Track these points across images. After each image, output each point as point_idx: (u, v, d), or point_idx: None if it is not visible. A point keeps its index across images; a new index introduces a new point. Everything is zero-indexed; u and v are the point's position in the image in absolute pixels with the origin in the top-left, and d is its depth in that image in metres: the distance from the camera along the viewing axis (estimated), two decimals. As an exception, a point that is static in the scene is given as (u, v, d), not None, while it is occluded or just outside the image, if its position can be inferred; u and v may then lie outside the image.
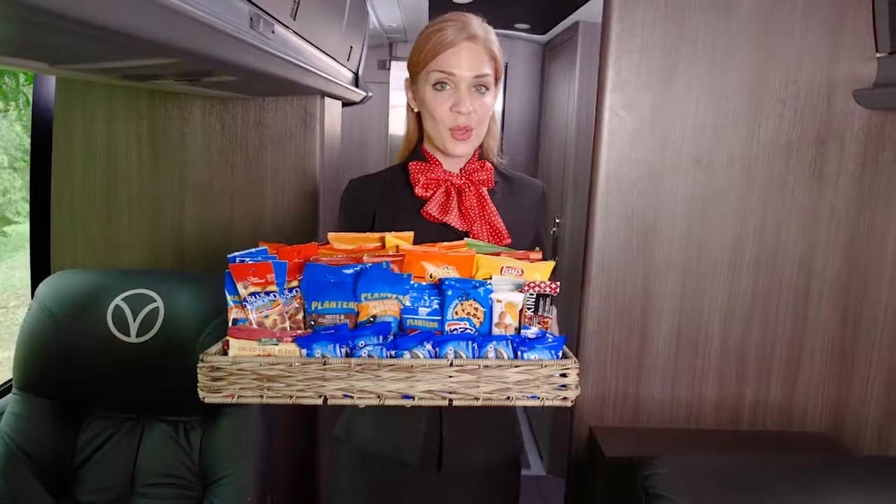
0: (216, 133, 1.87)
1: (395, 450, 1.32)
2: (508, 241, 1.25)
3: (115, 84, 1.73)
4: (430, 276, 1.15)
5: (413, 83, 1.30)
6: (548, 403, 1.03)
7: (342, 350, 1.07)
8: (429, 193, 1.29)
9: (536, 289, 1.09)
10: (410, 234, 1.21)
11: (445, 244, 1.19)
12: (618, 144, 1.38)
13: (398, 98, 3.95)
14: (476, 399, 1.02)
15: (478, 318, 1.10)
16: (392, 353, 1.06)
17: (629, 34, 1.34)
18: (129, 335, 1.54)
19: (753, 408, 1.45)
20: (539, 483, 3.25)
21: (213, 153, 1.88)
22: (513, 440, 1.39)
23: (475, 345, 1.06)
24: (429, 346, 1.06)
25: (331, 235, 1.20)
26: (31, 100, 1.88)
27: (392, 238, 1.19)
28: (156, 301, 1.56)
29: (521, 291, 1.10)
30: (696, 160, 1.38)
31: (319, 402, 1.03)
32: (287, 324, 1.12)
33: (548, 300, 1.10)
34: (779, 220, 1.41)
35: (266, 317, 1.10)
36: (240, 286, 1.09)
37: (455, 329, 1.10)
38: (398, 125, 4.00)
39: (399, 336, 1.09)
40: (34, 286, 1.96)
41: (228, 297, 1.11)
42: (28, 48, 0.77)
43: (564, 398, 1.02)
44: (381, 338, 1.07)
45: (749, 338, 1.44)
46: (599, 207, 1.40)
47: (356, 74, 2.57)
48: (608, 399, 1.45)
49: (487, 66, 1.24)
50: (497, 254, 1.18)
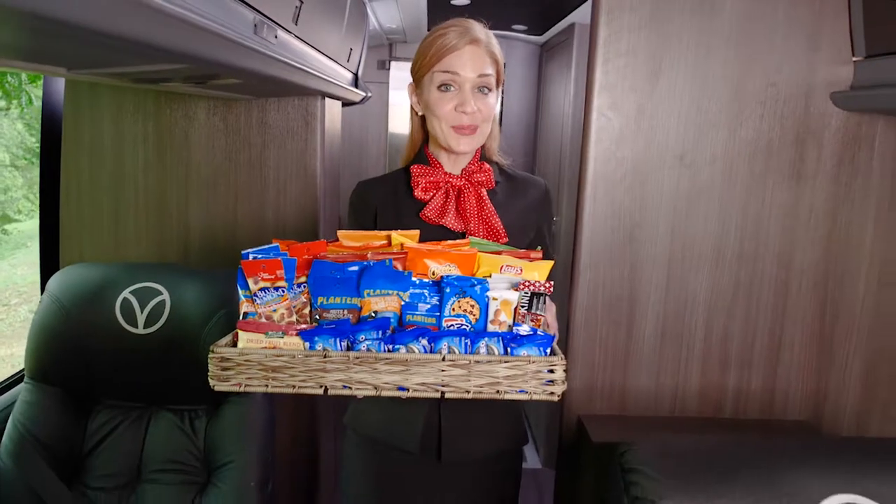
0: (220, 132, 1.94)
1: (397, 437, 1.36)
2: (506, 241, 1.29)
3: (122, 86, 1.79)
4: (433, 274, 1.18)
5: (417, 87, 1.34)
6: (535, 398, 1.06)
7: (343, 344, 1.11)
8: (428, 196, 1.33)
9: (531, 288, 1.13)
10: (416, 233, 1.24)
11: (449, 242, 1.23)
12: (605, 143, 1.43)
13: (397, 98, 4.01)
14: (467, 392, 1.07)
15: (474, 315, 1.14)
16: (389, 348, 1.10)
17: (616, 38, 1.40)
18: (137, 326, 1.60)
19: (736, 396, 1.51)
20: (535, 475, 3.32)
21: (217, 152, 1.95)
22: (515, 431, 1.42)
23: (468, 341, 1.09)
24: (424, 342, 1.10)
25: (340, 233, 1.24)
26: (38, 99, 1.94)
27: (398, 236, 1.23)
28: (162, 294, 1.62)
29: (517, 290, 1.13)
30: (680, 158, 1.44)
31: (320, 392, 1.08)
32: (294, 317, 1.17)
33: (542, 299, 1.13)
34: (759, 216, 1.46)
35: (274, 311, 1.15)
36: (250, 281, 1.14)
37: (452, 325, 1.14)
38: (397, 124, 4.05)
39: (397, 331, 1.13)
40: (43, 280, 2.02)
41: (240, 292, 1.16)
42: (49, 55, 0.83)
43: (552, 393, 1.06)
44: (381, 333, 1.11)
45: (731, 329, 1.49)
46: (587, 204, 1.46)
47: (356, 75, 2.63)
48: (596, 388, 1.51)
49: (490, 68, 1.28)
50: (499, 252, 1.21)
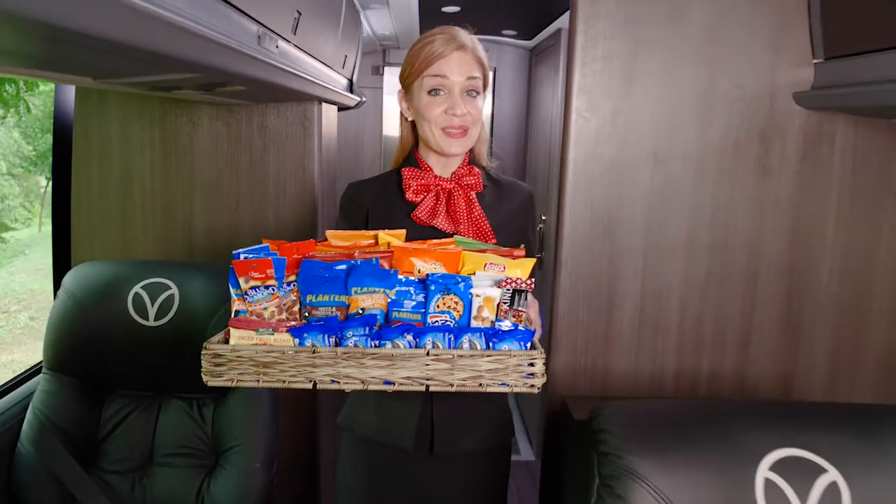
0: (222, 137, 2.04)
1: (392, 435, 1.39)
2: (494, 242, 1.33)
3: (130, 93, 1.90)
4: (419, 272, 1.21)
5: (407, 93, 1.39)
6: (516, 390, 1.10)
7: (331, 340, 1.14)
8: (419, 198, 1.36)
9: (513, 285, 1.16)
10: (403, 232, 1.27)
11: (434, 241, 1.25)
12: (584, 143, 1.54)
13: (391, 102, 4.12)
14: (451, 385, 1.10)
15: (458, 311, 1.17)
16: (376, 343, 1.13)
17: (592, 45, 1.51)
18: (148, 319, 1.69)
19: (709, 377, 1.61)
20: (529, 467, 3.42)
21: (220, 155, 2.05)
22: (502, 425, 1.46)
23: (451, 336, 1.13)
24: (409, 337, 1.13)
25: (329, 233, 1.27)
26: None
27: (384, 235, 1.26)
28: (171, 288, 1.71)
29: (499, 287, 1.17)
30: (654, 156, 1.55)
31: (309, 387, 1.11)
32: (284, 315, 1.20)
33: (523, 295, 1.16)
34: (729, 209, 1.57)
35: (265, 308, 1.18)
36: (241, 280, 1.18)
37: (436, 321, 1.17)
38: (391, 128, 4.16)
39: (384, 327, 1.16)
40: (56, 278, 2.12)
41: (231, 291, 1.20)
42: (79, 66, 0.93)
43: (532, 385, 1.10)
44: (368, 329, 1.14)
45: (704, 315, 1.59)
46: (568, 200, 1.57)
47: (351, 80, 2.74)
48: (579, 372, 1.61)
49: (477, 71, 1.33)
50: (483, 251, 1.24)
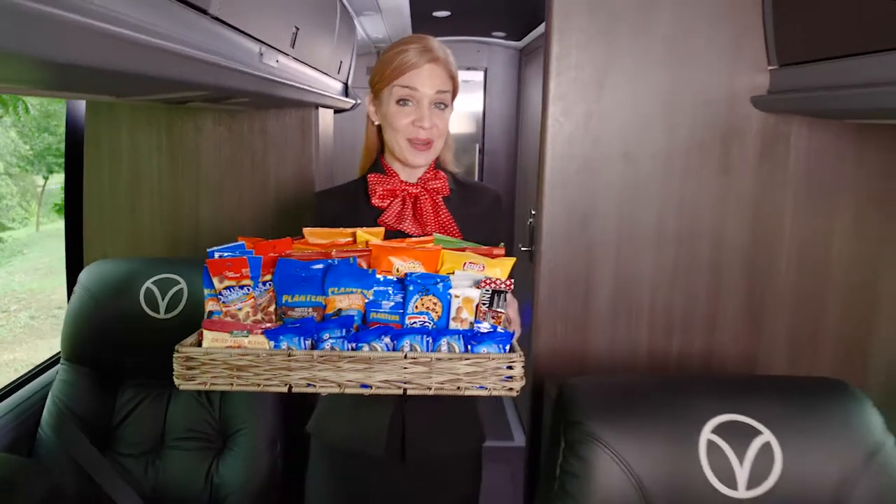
0: (225, 141, 2.16)
1: (362, 443, 1.38)
2: None
3: (136, 101, 2.03)
4: (397, 271, 1.18)
5: (376, 98, 1.37)
6: (495, 393, 1.08)
7: (307, 342, 1.10)
8: (385, 203, 1.36)
9: (492, 285, 1.14)
10: (381, 230, 1.27)
11: (413, 240, 1.25)
12: (559, 144, 1.67)
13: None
14: (429, 388, 1.08)
15: (436, 312, 1.14)
16: (353, 346, 1.10)
17: (566, 55, 1.63)
18: (159, 312, 1.82)
19: (679, 357, 1.74)
20: (522, 453, 3.55)
21: (223, 158, 2.18)
22: (473, 432, 1.46)
23: (430, 339, 1.10)
24: (387, 340, 1.10)
25: (307, 231, 1.25)
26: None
27: (363, 234, 1.24)
28: (180, 283, 1.84)
29: (478, 287, 1.15)
30: (624, 155, 1.67)
31: (285, 391, 1.09)
32: (259, 315, 1.16)
33: (502, 296, 1.14)
34: (694, 204, 1.70)
35: (239, 309, 1.14)
36: (215, 280, 1.13)
37: (415, 322, 1.14)
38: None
39: (361, 329, 1.13)
40: (69, 275, 2.24)
41: (205, 291, 1.15)
42: (104, 89, 1.06)
43: (510, 388, 1.08)
44: (344, 331, 1.11)
45: (673, 300, 1.72)
46: (547, 196, 1.70)
47: (346, 84, 2.87)
48: (559, 353, 1.74)
49: (447, 84, 1.35)
50: (462, 249, 1.22)
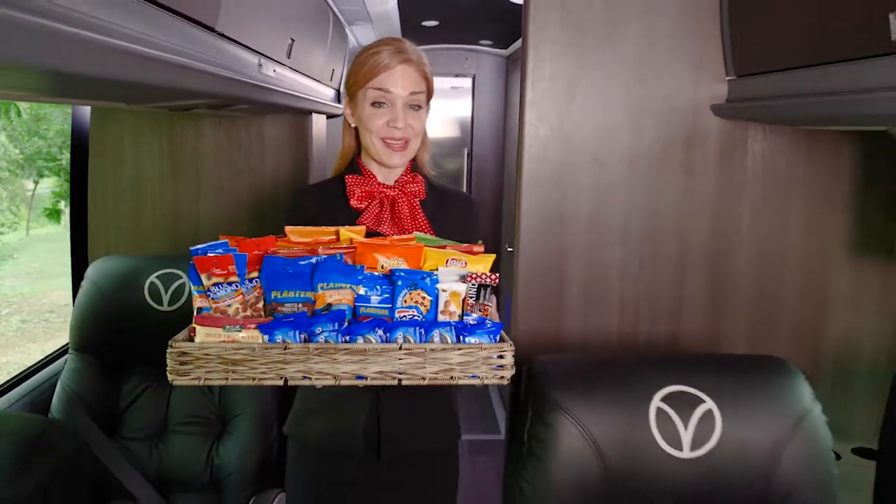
0: (224, 145, 2.29)
1: (339, 442, 1.39)
2: None
3: (140, 108, 2.16)
4: (382, 267, 1.20)
5: (351, 101, 1.38)
6: (487, 382, 1.11)
7: (301, 336, 1.11)
8: (363, 205, 1.36)
9: (478, 280, 1.18)
10: (363, 229, 1.29)
11: (396, 238, 1.27)
12: (535, 148, 1.80)
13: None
14: (423, 379, 1.10)
15: (425, 306, 1.17)
16: (347, 339, 1.11)
17: (541, 66, 1.77)
18: (162, 304, 1.94)
19: (647, 343, 1.87)
20: (507, 445, 3.68)
21: (222, 162, 2.30)
22: (449, 428, 1.48)
23: (422, 330, 1.12)
24: (380, 332, 1.12)
25: (288, 229, 1.26)
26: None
27: (346, 231, 1.26)
28: (182, 278, 1.95)
29: (465, 282, 1.18)
30: (595, 158, 1.81)
31: (280, 384, 1.10)
32: (249, 311, 1.16)
33: (488, 290, 1.18)
34: (659, 204, 1.83)
35: (229, 305, 1.14)
36: (203, 277, 1.14)
37: (404, 316, 1.16)
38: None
39: (353, 323, 1.15)
40: (74, 271, 2.37)
41: (193, 288, 1.16)
42: (116, 97, 1.19)
43: (502, 377, 1.11)
44: (337, 324, 1.12)
45: (640, 291, 1.85)
46: (524, 196, 1.83)
47: (338, 91, 3.01)
48: (536, 340, 1.85)
49: (421, 85, 1.34)
50: (443, 247, 1.25)
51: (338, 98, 3.00)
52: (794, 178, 1.86)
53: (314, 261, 1.16)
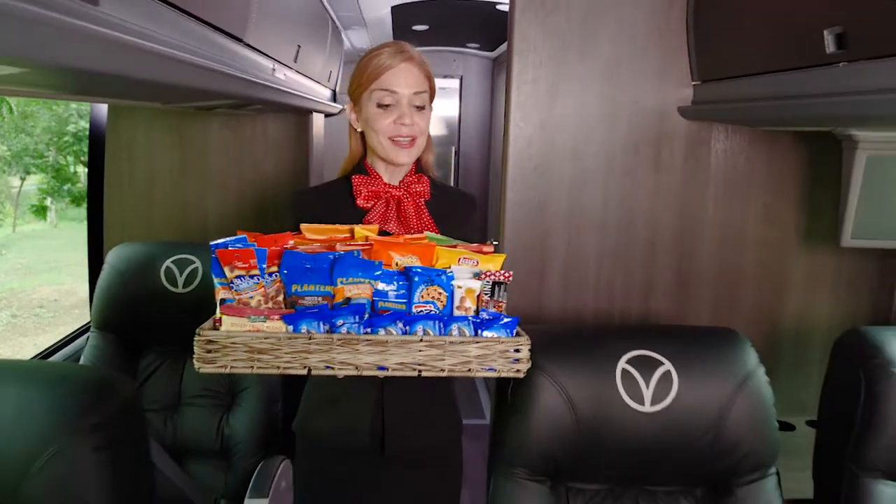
0: (231, 141, 2.46)
1: (345, 438, 1.40)
2: None
3: (155, 106, 2.32)
4: (396, 264, 1.22)
5: (356, 105, 1.39)
6: (503, 374, 1.15)
7: (324, 327, 1.13)
8: (370, 204, 1.37)
9: (492, 277, 1.20)
10: (376, 227, 1.31)
11: (408, 236, 1.29)
12: (520, 145, 1.99)
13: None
14: (442, 371, 1.13)
15: (441, 302, 1.19)
16: (368, 331, 1.13)
17: (524, 71, 1.96)
18: (177, 287, 2.09)
19: (620, 318, 2.06)
20: (493, 428, 3.87)
21: (229, 156, 2.47)
22: (450, 421, 1.50)
23: (441, 324, 1.15)
24: (400, 325, 1.15)
25: (304, 227, 1.28)
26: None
27: (361, 230, 1.28)
28: (195, 262, 2.10)
29: (479, 279, 1.20)
30: (574, 155, 1.99)
31: (304, 373, 1.12)
32: (270, 304, 1.18)
33: (502, 287, 1.21)
34: (632, 196, 2.02)
35: (251, 297, 1.16)
36: (226, 269, 1.15)
37: (421, 311, 1.18)
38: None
39: (373, 315, 1.17)
40: (91, 258, 2.52)
41: (215, 280, 1.17)
42: (154, 98, 1.36)
43: (518, 370, 1.15)
44: (358, 317, 1.14)
45: (615, 275, 2.04)
46: (510, 189, 2.01)
47: (334, 91, 3.18)
48: (520, 314, 2.05)
49: (424, 84, 1.37)
50: (454, 247, 1.27)
51: (334, 98, 3.17)
52: (753, 174, 2.06)
53: (332, 257, 1.19)
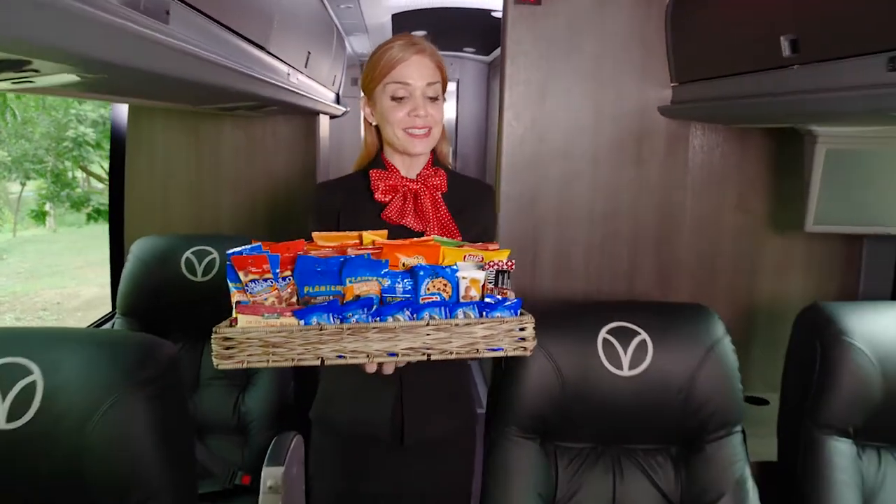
0: (242, 141, 2.63)
1: (365, 427, 1.42)
2: (460, 239, 1.37)
3: (172, 109, 2.49)
4: (403, 265, 1.24)
5: (370, 99, 1.40)
6: (510, 353, 1.17)
7: (335, 319, 1.16)
8: (388, 198, 1.39)
9: (496, 266, 1.22)
10: (384, 232, 1.31)
11: (415, 240, 1.30)
12: (512, 143, 2.16)
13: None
14: (450, 353, 1.15)
15: (446, 293, 1.20)
16: (377, 319, 1.16)
17: (516, 73, 2.13)
18: (197, 276, 2.23)
19: (607, 300, 2.24)
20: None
21: (241, 156, 2.64)
22: (466, 412, 1.52)
23: (447, 309, 1.18)
24: (408, 312, 1.17)
25: (315, 234, 1.30)
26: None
27: (369, 235, 1.30)
28: (213, 253, 2.24)
29: (483, 269, 1.23)
30: (562, 152, 2.17)
31: (317, 364, 1.15)
32: (284, 305, 1.21)
33: (506, 275, 1.22)
34: (616, 190, 2.20)
35: (265, 299, 1.19)
36: (241, 274, 1.20)
37: (427, 302, 1.19)
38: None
39: (381, 306, 1.19)
40: (112, 252, 2.69)
41: (231, 284, 1.21)
42: (192, 98, 1.53)
43: (524, 348, 1.18)
44: (367, 309, 1.17)
45: (601, 262, 2.20)
46: (503, 184, 2.18)
47: (337, 94, 3.36)
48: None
49: (436, 75, 1.37)
50: (459, 247, 1.29)
51: (337, 100, 3.34)
52: (727, 167, 2.24)
53: (342, 259, 1.23)
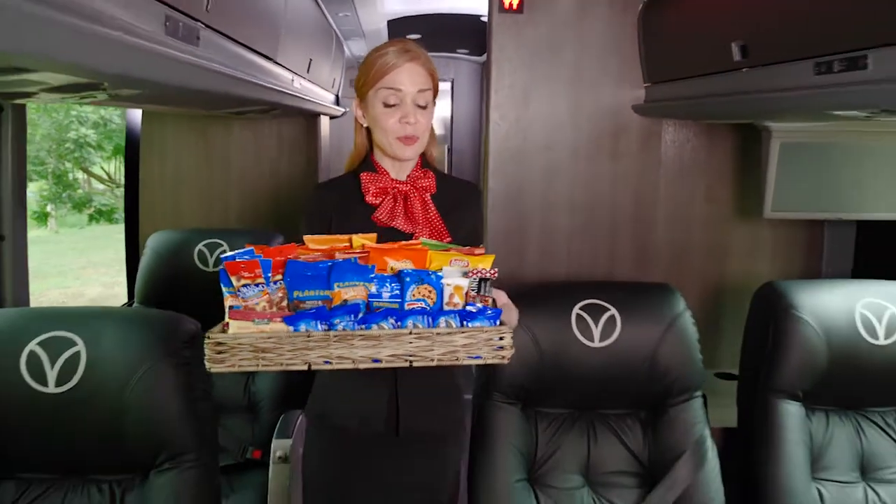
0: (249, 142, 2.81)
1: (361, 421, 1.44)
2: (449, 239, 1.40)
3: (184, 112, 2.67)
4: (391, 269, 1.27)
5: (362, 102, 1.42)
6: (488, 361, 1.22)
7: (322, 326, 1.20)
8: (378, 201, 1.41)
9: (479, 274, 1.27)
10: (374, 236, 1.33)
11: (403, 242, 1.32)
12: (499, 140, 2.32)
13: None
14: (431, 360, 1.19)
15: (431, 299, 1.24)
16: (363, 327, 1.20)
17: (501, 76, 2.30)
18: (209, 267, 2.40)
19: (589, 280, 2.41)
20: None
21: (248, 155, 2.82)
22: (456, 407, 1.55)
23: (430, 318, 1.21)
24: (392, 320, 1.21)
25: (307, 238, 1.32)
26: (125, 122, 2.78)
27: (358, 238, 1.32)
28: (224, 245, 2.41)
29: (467, 277, 1.27)
30: (545, 147, 2.32)
31: (305, 369, 1.19)
32: (274, 309, 1.24)
33: (488, 283, 1.27)
34: (595, 181, 2.37)
35: (257, 304, 1.22)
36: (233, 279, 1.22)
37: (413, 308, 1.23)
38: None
39: (367, 314, 1.23)
40: (128, 246, 2.87)
41: (224, 289, 1.23)
42: (203, 106, 1.72)
43: (502, 357, 1.22)
44: (353, 316, 1.21)
45: (582, 248, 2.35)
46: (491, 178, 2.35)
47: (337, 96, 3.54)
48: (502, 285, 2.40)
49: (428, 83, 1.39)
50: (447, 250, 1.32)
51: (337, 102, 3.53)
52: (697, 160, 2.41)
53: (330, 264, 1.25)
